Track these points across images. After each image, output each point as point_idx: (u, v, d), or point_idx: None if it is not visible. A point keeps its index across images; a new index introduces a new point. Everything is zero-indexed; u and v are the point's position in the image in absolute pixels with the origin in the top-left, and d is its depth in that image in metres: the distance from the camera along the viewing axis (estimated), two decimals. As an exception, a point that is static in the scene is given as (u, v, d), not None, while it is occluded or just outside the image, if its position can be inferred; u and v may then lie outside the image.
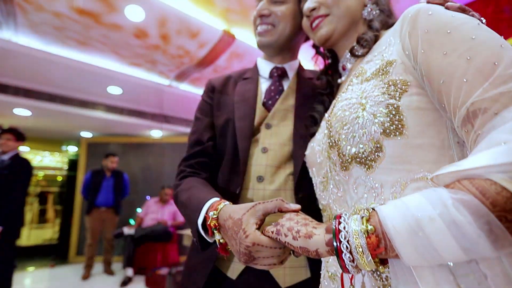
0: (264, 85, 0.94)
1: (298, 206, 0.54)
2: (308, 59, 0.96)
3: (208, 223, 0.62)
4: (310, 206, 0.74)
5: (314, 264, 0.76)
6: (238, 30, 2.90)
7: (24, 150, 6.60)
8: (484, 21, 0.49)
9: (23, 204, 3.15)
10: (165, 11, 2.50)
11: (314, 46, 0.87)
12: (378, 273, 0.50)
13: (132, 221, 4.86)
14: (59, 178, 8.01)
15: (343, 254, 0.42)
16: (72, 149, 6.96)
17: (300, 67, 0.98)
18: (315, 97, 0.85)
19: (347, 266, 0.42)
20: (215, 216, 0.61)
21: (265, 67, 0.96)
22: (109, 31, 2.73)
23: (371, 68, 0.58)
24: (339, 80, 0.79)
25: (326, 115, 0.68)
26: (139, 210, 4.89)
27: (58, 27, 2.67)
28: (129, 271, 4.08)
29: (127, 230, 4.28)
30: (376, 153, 0.52)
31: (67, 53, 3.13)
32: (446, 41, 0.46)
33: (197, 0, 2.51)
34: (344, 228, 0.42)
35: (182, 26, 2.72)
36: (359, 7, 0.71)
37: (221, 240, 0.61)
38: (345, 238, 0.42)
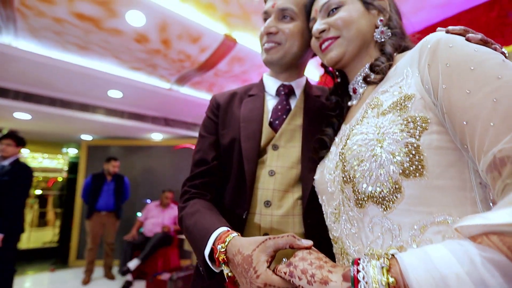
0: (270, 102, 0.91)
1: (310, 243, 0.52)
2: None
3: (216, 256, 0.60)
4: (319, 232, 0.71)
5: None
6: (239, 34, 2.88)
7: (24, 151, 6.57)
8: (507, 54, 0.47)
9: (23, 210, 3.13)
10: (166, 16, 2.48)
11: (322, 65, 0.85)
12: None
13: (139, 214, 4.82)
14: (60, 179, 7.99)
15: None
16: (72, 151, 6.94)
17: (307, 84, 0.95)
18: (323, 116, 0.82)
19: None
20: (223, 249, 0.59)
21: (271, 84, 0.93)
22: (109, 36, 2.70)
23: (388, 101, 0.56)
24: (349, 103, 0.76)
25: (340, 146, 0.65)
26: (139, 214, 4.87)
27: (58, 32, 2.65)
28: (128, 276, 4.05)
29: (132, 265, 4.06)
30: (395, 194, 0.49)
31: (68, 57, 3.11)
32: (470, 79, 0.44)
33: (198, 5, 2.49)
34: (364, 278, 0.40)
35: (183, 31, 2.69)
36: (370, 29, 0.69)
37: (229, 274, 0.59)
38: None
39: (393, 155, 0.49)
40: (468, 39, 0.48)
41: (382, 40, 0.69)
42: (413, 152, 0.48)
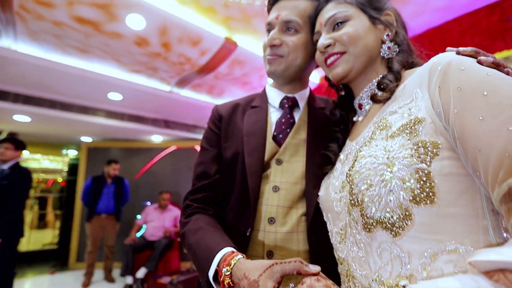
0: (273, 115, 0.90)
1: (317, 269, 0.51)
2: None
3: (221, 279, 0.59)
4: (324, 250, 0.70)
5: None
6: (240, 37, 2.87)
7: (24, 153, 6.55)
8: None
9: (23, 214, 3.12)
10: (166, 19, 2.47)
11: (326, 77, 0.84)
12: None
13: (139, 216, 4.80)
14: (59, 180, 7.97)
15: None
16: (72, 153, 6.92)
17: (311, 95, 0.94)
18: (327, 130, 0.81)
19: None
20: (229, 273, 0.58)
21: (274, 96, 0.92)
22: (109, 39, 2.69)
23: (397, 123, 0.54)
24: (354, 118, 0.75)
25: (346, 166, 0.63)
26: (139, 216, 4.84)
27: (58, 35, 2.64)
28: (129, 279, 4.04)
29: (141, 274, 4.00)
30: (404, 221, 0.48)
31: (67, 60, 3.10)
32: (483, 105, 0.43)
33: (198, 9, 2.48)
34: None
35: (183, 34, 2.68)
36: (377, 45, 0.67)
37: None
38: None
39: (403, 181, 0.48)
40: (479, 62, 0.47)
41: (389, 56, 0.67)
42: (424, 178, 0.47)
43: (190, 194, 0.86)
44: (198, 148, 4.92)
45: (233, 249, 0.64)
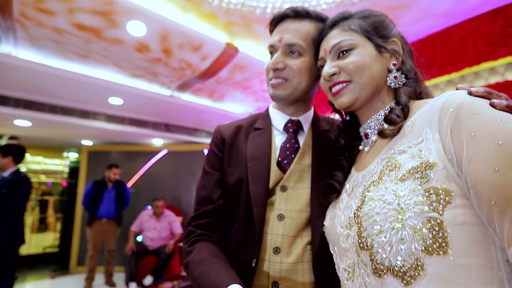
0: (277, 138, 0.88)
1: None
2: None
3: None
4: (330, 281, 0.69)
5: None
6: (241, 42, 2.86)
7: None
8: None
9: (23, 221, 3.10)
10: (167, 26, 2.46)
11: (330, 103, 0.81)
12: None
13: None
14: (58, 181, 7.96)
15: None
16: (73, 155, 6.91)
17: (315, 117, 0.92)
18: (332, 154, 0.80)
19: None
20: None
21: (278, 119, 0.90)
22: (110, 45, 2.68)
23: (406, 164, 0.53)
24: (360, 147, 0.73)
25: (353, 202, 0.61)
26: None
27: (58, 41, 2.63)
28: (133, 285, 4.01)
29: (147, 282, 3.99)
30: (416, 270, 0.47)
31: (68, 65, 3.09)
32: (498, 155, 0.41)
33: (199, 15, 2.47)
34: None
35: (184, 40, 2.67)
36: (383, 74, 0.66)
37: None
38: None
39: (414, 230, 0.47)
40: (493, 105, 0.46)
41: (396, 86, 0.66)
42: (436, 228, 0.45)
43: (193, 220, 0.84)
44: (205, 151, 4.90)
45: (239, 286, 0.62)
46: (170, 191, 5.11)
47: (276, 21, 0.83)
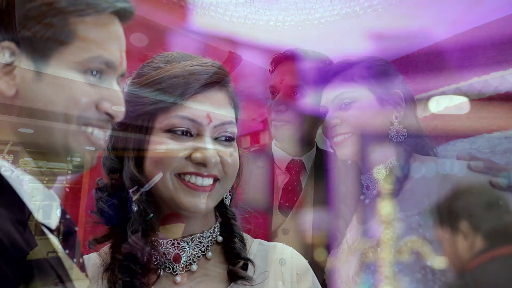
0: (280, 178, 0.88)
1: None
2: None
3: None
4: None
5: None
6: (244, 50, 2.83)
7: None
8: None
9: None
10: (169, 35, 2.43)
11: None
12: None
13: None
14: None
15: None
16: (76, 159, 6.96)
17: (317, 155, 0.91)
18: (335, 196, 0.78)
19: None
20: None
21: (281, 159, 0.90)
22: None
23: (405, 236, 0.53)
24: (361, 196, 0.73)
25: (352, 261, 0.62)
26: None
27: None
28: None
29: None
30: None
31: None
32: None
33: (202, 25, 2.44)
34: None
35: (186, 50, 2.64)
36: (385, 126, 0.66)
37: None
38: None
39: None
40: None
41: (397, 140, 0.65)
42: None
43: None
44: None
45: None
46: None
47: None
